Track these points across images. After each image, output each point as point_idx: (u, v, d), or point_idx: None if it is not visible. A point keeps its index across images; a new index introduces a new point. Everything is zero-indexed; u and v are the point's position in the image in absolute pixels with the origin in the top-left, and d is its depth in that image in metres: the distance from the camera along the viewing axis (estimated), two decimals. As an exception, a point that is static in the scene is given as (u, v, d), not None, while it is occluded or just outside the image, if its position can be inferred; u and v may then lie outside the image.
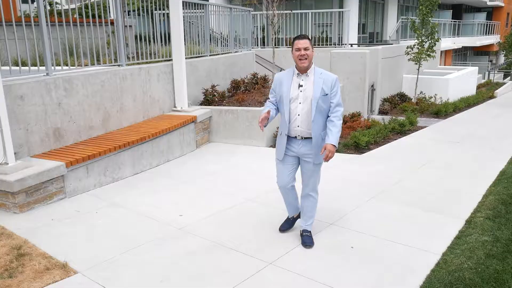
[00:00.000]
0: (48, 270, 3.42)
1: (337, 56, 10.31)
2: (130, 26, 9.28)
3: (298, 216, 4.09)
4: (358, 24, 16.10)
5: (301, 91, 3.51)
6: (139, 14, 8.32)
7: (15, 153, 4.94)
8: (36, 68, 5.51)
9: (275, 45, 13.69)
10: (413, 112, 9.97)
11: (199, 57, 8.84)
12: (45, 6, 5.43)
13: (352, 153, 7.08)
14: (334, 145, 3.45)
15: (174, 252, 3.78)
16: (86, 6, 10.28)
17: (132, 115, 6.82)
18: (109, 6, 7.35)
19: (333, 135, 3.47)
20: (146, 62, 7.44)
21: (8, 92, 4.88)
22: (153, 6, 7.91)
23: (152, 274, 3.42)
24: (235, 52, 10.94)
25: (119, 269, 3.51)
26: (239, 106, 7.95)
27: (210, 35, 9.41)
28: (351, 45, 13.37)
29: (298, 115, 3.53)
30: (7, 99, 4.84)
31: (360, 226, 4.27)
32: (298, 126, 3.55)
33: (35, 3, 5.59)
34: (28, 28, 5.39)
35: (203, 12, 9.14)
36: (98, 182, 5.43)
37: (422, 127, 9.13)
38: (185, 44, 8.88)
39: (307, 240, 3.84)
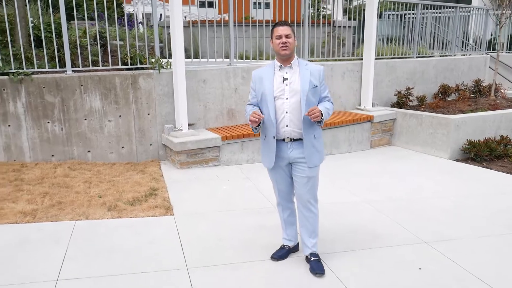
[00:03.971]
0: (156, 208, 4.46)
1: None
2: (350, 27, 9.84)
3: (296, 249, 3.63)
4: None
5: (286, 85, 3.14)
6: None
7: (193, 124, 6.33)
8: (221, 59, 6.80)
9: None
10: None
11: (401, 58, 8.54)
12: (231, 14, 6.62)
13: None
14: (322, 112, 3.08)
15: (246, 222, 4.23)
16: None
17: (308, 108, 7.37)
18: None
19: (324, 106, 3.18)
20: (335, 60, 7.81)
21: (194, 76, 6.27)
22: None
23: (216, 233, 3.99)
24: (462, 55, 9.88)
25: (200, 222, 4.23)
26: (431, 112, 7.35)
27: (422, 36, 8.89)
28: None
29: (286, 112, 3.15)
30: (193, 82, 6.24)
31: (460, 257, 3.57)
32: (286, 126, 3.17)
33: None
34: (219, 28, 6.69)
35: (414, 14, 8.72)
36: (251, 159, 6.28)
37: None
38: (387, 44, 8.75)
39: (316, 267, 3.30)
